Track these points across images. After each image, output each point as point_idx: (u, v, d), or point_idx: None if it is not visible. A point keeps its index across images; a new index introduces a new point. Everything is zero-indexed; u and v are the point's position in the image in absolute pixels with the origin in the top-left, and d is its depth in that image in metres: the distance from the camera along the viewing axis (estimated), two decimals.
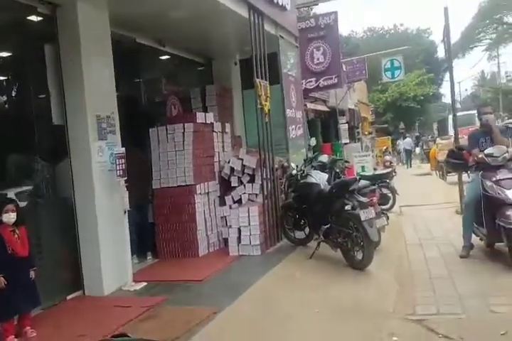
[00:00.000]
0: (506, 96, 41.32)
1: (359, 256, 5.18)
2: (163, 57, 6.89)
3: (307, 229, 6.19)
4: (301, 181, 6.12)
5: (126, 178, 4.52)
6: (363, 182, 6.14)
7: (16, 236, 3.39)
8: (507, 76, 48.89)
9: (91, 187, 4.31)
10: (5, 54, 4.47)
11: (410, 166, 21.94)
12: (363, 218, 5.07)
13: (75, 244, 4.43)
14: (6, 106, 4.53)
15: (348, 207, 5.25)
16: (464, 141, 13.25)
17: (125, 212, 4.62)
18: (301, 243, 6.27)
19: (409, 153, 22.71)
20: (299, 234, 6.32)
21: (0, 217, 3.33)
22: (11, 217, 3.34)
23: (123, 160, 4.44)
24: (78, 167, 4.36)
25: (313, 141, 7.77)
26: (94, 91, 4.36)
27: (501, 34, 33.67)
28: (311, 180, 6.04)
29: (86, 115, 4.26)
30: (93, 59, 4.37)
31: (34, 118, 4.30)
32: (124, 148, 4.57)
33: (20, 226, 3.44)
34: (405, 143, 23.11)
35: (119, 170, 4.42)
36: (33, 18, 4.29)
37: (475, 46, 36.05)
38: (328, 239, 5.56)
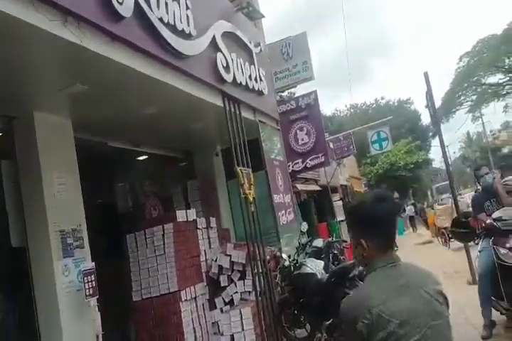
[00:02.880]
0: (495, 153, 42.26)
1: None
2: (140, 158, 6.77)
3: (308, 326, 5.60)
4: (295, 272, 5.68)
5: (97, 297, 4.05)
6: None
7: None
8: (493, 134, 50.59)
9: (57, 313, 3.82)
10: None
11: (416, 230, 24.62)
12: None
13: None
14: None
15: None
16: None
17: (98, 337, 4.07)
18: None
19: (412, 219, 25.85)
20: (300, 333, 5.75)
21: None
22: None
23: (92, 276, 4.02)
24: (41, 291, 3.90)
25: (304, 226, 7.39)
26: (57, 205, 4.07)
27: (481, 94, 35.43)
28: (305, 270, 5.62)
29: (48, 232, 3.91)
30: (55, 170, 4.14)
31: None
32: (93, 263, 4.17)
33: None
34: (408, 210, 26.34)
35: (89, 288, 3.96)
36: None
37: (457, 110, 37.65)
38: (333, 336, 5.00)
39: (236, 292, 5.80)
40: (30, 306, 3.93)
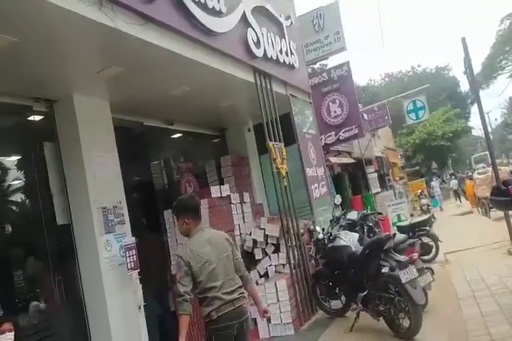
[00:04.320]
0: None
1: (405, 323, 4.68)
2: (174, 136, 6.89)
3: (343, 298, 5.69)
4: (330, 245, 5.70)
5: (138, 270, 4.30)
6: (398, 237, 5.68)
7: None
8: None
9: (100, 286, 4.08)
10: (5, 158, 4.43)
11: (460, 201, 23.74)
12: (403, 280, 4.62)
13: None
14: (13, 211, 4.46)
15: (385, 269, 4.80)
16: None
17: (140, 308, 4.32)
18: (338, 314, 5.77)
19: (456, 192, 25.76)
20: (335, 304, 5.82)
21: None
22: (7, 338, 3.08)
23: (133, 251, 4.24)
24: (86, 265, 4.17)
25: (338, 199, 7.40)
26: (98, 183, 4.27)
27: None
28: (340, 242, 5.62)
29: (90, 209, 4.13)
30: (95, 150, 4.32)
31: (40, 221, 4.18)
32: (133, 238, 4.38)
33: None
34: (452, 184, 26.85)
35: (130, 262, 4.20)
36: (31, 117, 4.30)
37: (498, 74, 35.69)
38: (368, 307, 5.07)
39: (270, 265, 5.92)
40: (76, 280, 4.20)
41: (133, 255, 4.23)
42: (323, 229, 6.14)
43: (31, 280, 4.24)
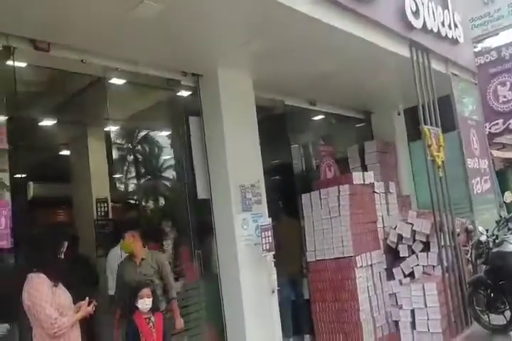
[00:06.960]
0: None
1: None
2: (316, 117, 6.64)
3: (508, 313, 4.86)
4: (495, 250, 4.97)
5: (273, 253, 4.14)
6: None
7: (151, 324, 3.15)
8: None
9: (235, 264, 4.04)
10: (157, 132, 4.67)
11: None
12: None
13: (221, 325, 4.15)
14: (164, 185, 4.70)
15: None
16: None
17: (273, 292, 4.19)
18: (499, 331, 4.94)
19: None
20: (496, 319, 5.00)
21: (135, 303, 3.14)
22: (145, 304, 3.14)
23: (269, 232, 4.09)
24: (223, 241, 4.17)
25: (507, 196, 6.36)
26: (238, 161, 4.23)
27: None
28: (509, 248, 4.90)
29: (229, 186, 4.11)
30: (236, 127, 4.28)
31: (184, 194, 4.32)
32: (270, 219, 4.24)
33: (156, 313, 3.23)
34: None
35: (266, 243, 4.06)
36: (178, 91, 4.42)
37: None
38: None
39: (417, 264, 5.33)
40: (213, 255, 4.26)
41: (269, 236, 4.08)
42: (486, 230, 5.32)
43: (175, 250, 4.41)
